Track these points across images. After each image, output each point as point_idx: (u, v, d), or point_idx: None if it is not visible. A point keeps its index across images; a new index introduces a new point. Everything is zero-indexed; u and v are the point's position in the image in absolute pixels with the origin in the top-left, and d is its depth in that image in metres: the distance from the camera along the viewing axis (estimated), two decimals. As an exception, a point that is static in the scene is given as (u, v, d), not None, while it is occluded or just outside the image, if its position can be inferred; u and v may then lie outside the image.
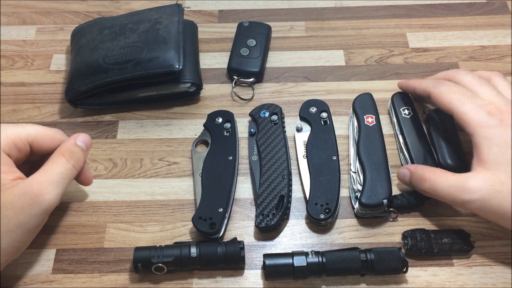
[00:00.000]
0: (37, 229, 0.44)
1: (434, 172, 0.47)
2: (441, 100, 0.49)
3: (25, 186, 0.42)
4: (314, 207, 0.48)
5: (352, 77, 0.61)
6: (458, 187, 0.44)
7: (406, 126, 0.54)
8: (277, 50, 0.64)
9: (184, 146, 0.56)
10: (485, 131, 0.45)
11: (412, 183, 0.49)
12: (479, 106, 0.46)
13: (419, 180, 0.47)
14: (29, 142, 0.45)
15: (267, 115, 0.55)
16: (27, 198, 0.41)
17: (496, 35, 0.65)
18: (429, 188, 0.46)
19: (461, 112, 0.47)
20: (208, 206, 0.48)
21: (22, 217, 0.41)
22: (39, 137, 0.46)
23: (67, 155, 0.45)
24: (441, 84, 0.50)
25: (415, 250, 0.47)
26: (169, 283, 0.47)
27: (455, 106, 0.47)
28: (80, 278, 0.47)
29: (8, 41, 0.65)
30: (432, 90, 0.50)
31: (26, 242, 0.43)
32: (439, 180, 0.46)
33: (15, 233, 0.41)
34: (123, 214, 0.51)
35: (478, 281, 0.46)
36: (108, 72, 0.54)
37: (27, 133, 0.45)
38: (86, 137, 0.48)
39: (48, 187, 0.42)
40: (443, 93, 0.49)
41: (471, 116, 0.46)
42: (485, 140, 0.45)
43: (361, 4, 0.69)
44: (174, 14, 0.59)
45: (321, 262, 0.45)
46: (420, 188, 0.48)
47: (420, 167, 0.48)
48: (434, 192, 0.46)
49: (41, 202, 0.42)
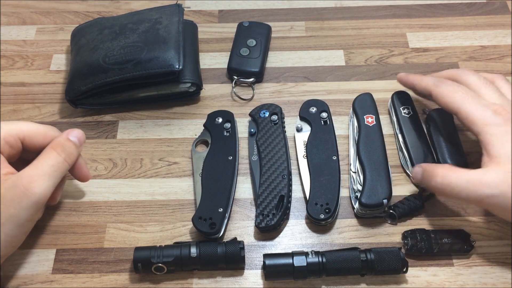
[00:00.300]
0: (30, 224, 0.44)
1: (446, 167, 0.46)
2: (444, 100, 0.48)
3: (15, 179, 0.42)
4: (314, 207, 0.48)
5: (352, 77, 0.61)
6: (477, 181, 0.43)
7: (405, 125, 0.54)
8: (277, 50, 0.64)
9: (184, 146, 0.56)
10: (493, 129, 0.45)
11: (423, 179, 0.48)
12: (485, 106, 0.46)
13: (430, 175, 0.46)
14: (20, 139, 0.45)
15: (267, 115, 0.55)
16: (17, 191, 0.41)
17: (496, 35, 0.65)
18: (440, 183, 0.45)
19: (466, 111, 0.46)
20: (208, 206, 0.48)
21: (12, 209, 0.41)
22: (31, 134, 0.46)
23: (59, 149, 0.45)
24: (442, 83, 0.50)
25: (415, 250, 0.47)
26: (169, 283, 0.47)
27: (459, 105, 0.47)
28: (80, 278, 0.47)
29: (8, 41, 0.65)
30: (434, 89, 0.50)
31: (19, 237, 0.43)
32: (454, 175, 0.44)
33: (6, 227, 0.41)
34: (123, 214, 0.51)
35: (478, 281, 0.46)
36: (108, 72, 0.54)
37: (19, 129, 0.45)
38: (80, 132, 0.48)
39: (38, 180, 0.42)
40: (445, 93, 0.48)
41: (477, 115, 0.46)
42: (494, 137, 0.44)
43: (361, 4, 0.69)
44: (174, 14, 0.59)
45: (321, 262, 0.45)
46: (430, 184, 0.46)
47: (432, 164, 0.48)
48: (447, 187, 0.45)
49: (31, 195, 0.42)
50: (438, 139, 0.53)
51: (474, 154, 0.53)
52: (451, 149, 0.52)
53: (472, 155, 0.53)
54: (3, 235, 0.41)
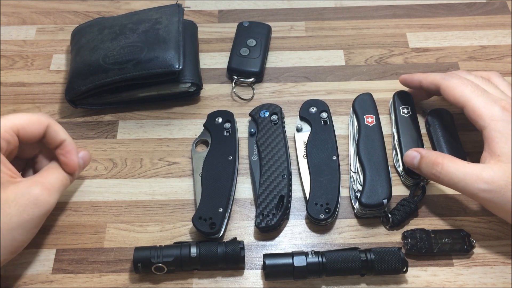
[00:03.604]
0: (36, 230, 0.44)
1: (448, 157, 0.46)
2: (453, 92, 0.48)
3: (28, 185, 0.42)
4: (314, 207, 0.48)
5: (352, 77, 0.61)
6: (474, 175, 0.44)
7: (402, 125, 0.54)
8: (277, 50, 0.64)
9: (184, 146, 0.56)
10: (500, 125, 0.45)
11: (421, 166, 0.48)
12: (493, 101, 0.46)
13: (431, 164, 0.46)
14: (15, 132, 0.44)
15: (267, 115, 0.55)
16: (31, 197, 0.42)
17: (496, 35, 0.65)
18: (440, 173, 0.46)
19: (474, 104, 0.46)
20: (208, 206, 0.48)
21: (25, 215, 0.41)
22: (25, 124, 0.44)
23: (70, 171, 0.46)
24: (451, 76, 0.50)
25: (415, 250, 0.47)
26: (169, 283, 0.47)
27: (468, 98, 0.47)
28: (80, 278, 0.47)
29: (8, 41, 0.65)
30: (442, 82, 0.50)
31: (25, 241, 0.43)
32: (454, 166, 0.45)
33: (17, 231, 0.41)
34: (123, 214, 0.51)
35: (478, 281, 0.46)
36: (108, 72, 0.54)
37: (12, 123, 0.44)
38: (87, 155, 0.49)
39: (51, 190, 0.43)
40: (454, 85, 0.48)
41: (485, 110, 0.46)
42: (499, 134, 0.45)
43: (361, 4, 0.69)
44: (174, 14, 0.59)
45: (321, 262, 0.45)
46: (430, 172, 0.47)
47: (433, 152, 0.48)
48: (445, 177, 0.45)
49: (43, 204, 0.42)
50: (438, 139, 0.53)
51: (474, 154, 0.53)
52: (451, 149, 0.52)
53: (472, 155, 0.53)
54: (12, 240, 0.41)
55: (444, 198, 0.51)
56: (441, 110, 0.55)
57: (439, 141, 0.53)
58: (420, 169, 0.48)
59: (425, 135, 0.56)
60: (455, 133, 0.54)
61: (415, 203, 0.49)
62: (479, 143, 0.48)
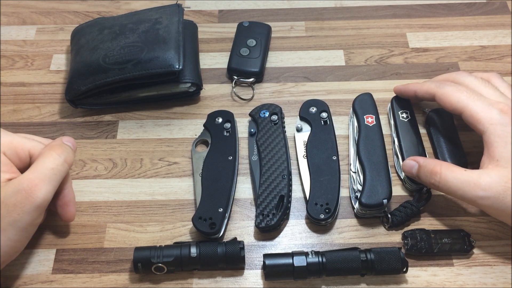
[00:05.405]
0: (32, 228, 0.43)
1: (445, 166, 0.46)
2: (448, 100, 0.48)
3: (16, 183, 0.42)
4: (314, 207, 0.48)
5: (352, 77, 0.61)
6: (472, 183, 0.44)
7: (402, 130, 0.54)
8: (277, 50, 0.64)
9: (184, 146, 0.56)
10: (499, 129, 0.45)
11: (420, 175, 0.48)
12: (490, 105, 0.46)
13: (429, 173, 0.47)
14: (30, 154, 0.45)
15: (267, 115, 0.55)
16: (19, 195, 0.41)
17: (496, 35, 0.65)
18: (438, 182, 0.46)
19: (472, 110, 0.46)
20: (208, 206, 0.48)
21: (15, 214, 0.41)
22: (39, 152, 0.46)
23: (58, 150, 0.45)
24: (445, 84, 0.49)
25: (415, 250, 0.47)
26: (169, 283, 0.47)
27: (465, 104, 0.47)
28: (80, 278, 0.47)
29: (8, 41, 0.65)
30: (437, 90, 0.50)
31: (22, 241, 0.43)
32: (451, 174, 0.45)
33: (9, 232, 0.41)
34: (123, 214, 0.51)
35: (478, 281, 0.46)
36: (108, 72, 0.54)
37: (32, 145, 0.45)
38: (71, 138, 0.48)
39: (39, 184, 0.42)
40: (450, 93, 0.48)
41: (483, 114, 0.46)
42: (498, 138, 0.44)
43: (361, 4, 0.69)
44: (174, 14, 0.59)
45: (321, 262, 0.45)
46: (429, 181, 0.47)
47: (430, 160, 0.48)
48: (444, 186, 0.46)
49: (32, 199, 0.41)
50: (438, 139, 0.53)
51: (474, 154, 0.53)
52: (451, 149, 0.52)
53: (472, 155, 0.53)
54: (6, 240, 0.41)
55: (444, 198, 0.51)
56: (441, 110, 0.55)
57: (439, 142, 0.53)
58: (419, 178, 0.48)
59: (425, 135, 0.56)
60: (455, 133, 0.54)
61: (418, 207, 0.49)
62: (479, 143, 0.48)
